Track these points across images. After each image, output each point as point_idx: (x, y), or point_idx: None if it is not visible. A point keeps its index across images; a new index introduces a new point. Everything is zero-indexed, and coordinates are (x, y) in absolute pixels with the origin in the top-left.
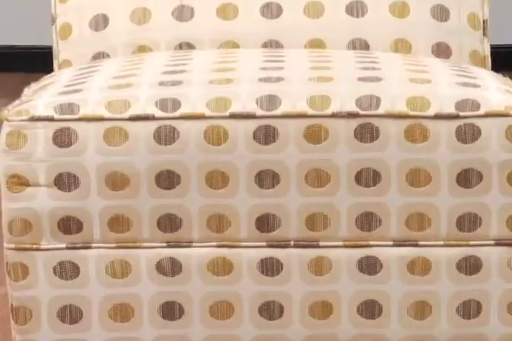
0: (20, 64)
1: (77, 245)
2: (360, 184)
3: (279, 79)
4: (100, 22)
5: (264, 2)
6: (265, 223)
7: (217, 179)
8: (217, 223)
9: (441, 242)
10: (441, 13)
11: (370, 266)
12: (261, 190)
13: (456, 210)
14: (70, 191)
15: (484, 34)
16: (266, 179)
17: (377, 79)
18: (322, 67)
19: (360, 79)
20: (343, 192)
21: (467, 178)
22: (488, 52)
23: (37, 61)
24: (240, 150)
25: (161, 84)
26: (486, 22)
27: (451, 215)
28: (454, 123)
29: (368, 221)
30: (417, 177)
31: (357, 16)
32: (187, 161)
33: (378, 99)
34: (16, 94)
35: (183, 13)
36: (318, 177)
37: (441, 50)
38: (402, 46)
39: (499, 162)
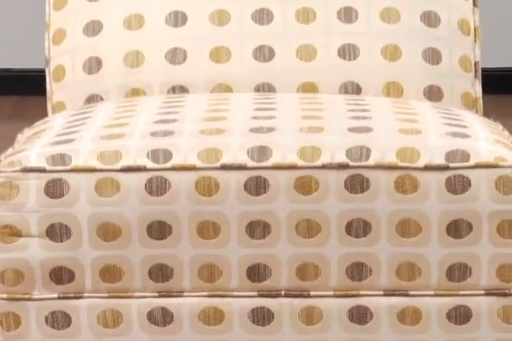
0: (16, 87)
1: (69, 295)
2: (350, 234)
3: (270, 130)
4: (94, 65)
5: (256, 45)
6: (256, 273)
7: (208, 229)
8: (209, 273)
9: (432, 292)
10: (432, 56)
11: (360, 316)
12: (252, 240)
13: (446, 260)
14: (61, 241)
15: (476, 76)
16: (257, 229)
17: (368, 130)
18: (313, 117)
19: (351, 129)
20: (334, 242)
21: (457, 229)
22: (479, 94)
23: (32, 84)
24: (231, 201)
25: (153, 134)
26: (477, 64)
27: (442, 265)
28: (444, 175)
29: (358, 271)
30: (407, 228)
31: (349, 59)
32: (178, 212)
33: (368, 150)
34: (11, 117)
35: (176, 56)
36: (308, 228)
37: (433, 93)
38: (393, 89)
39: (489, 212)
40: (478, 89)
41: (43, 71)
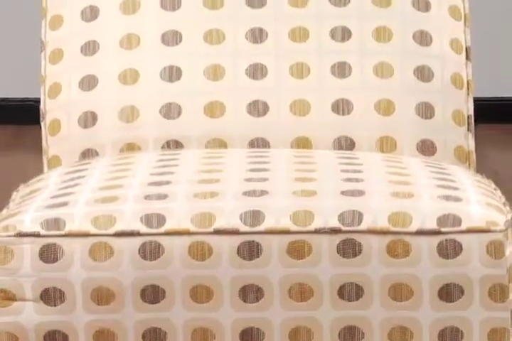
0: (13, 116)
1: None
2: (343, 298)
3: (262, 193)
4: (89, 119)
5: (250, 100)
6: (249, 336)
7: (201, 293)
8: (202, 336)
9: None
10: (425, 111)
11: None
12: (245, 304)
13: (438, 324)
14: (55, 305)
15: (469, 129)
16: (250, 293)
17: (360, 193)
18: (306, 179)
19: (343, 192)
20: (326, 306)
21: (449, 293)
22: (472, 147)
23: (29, 113)
24: (224, 266)
25: (147, 197)
26: (470, 117)
27: (433, 329)
28: (436, 239)
29: (350, 334)
30: (399, 292)
31: (343, 114)
32: (171, 276)
33: (361, 215)
34: (9, 146)
35: (170, 111)
36: (301, 292)
37: (426, 147)
38: (387, 144)
39: (480, 277)
40: (471, 143)
41: (39, 100)
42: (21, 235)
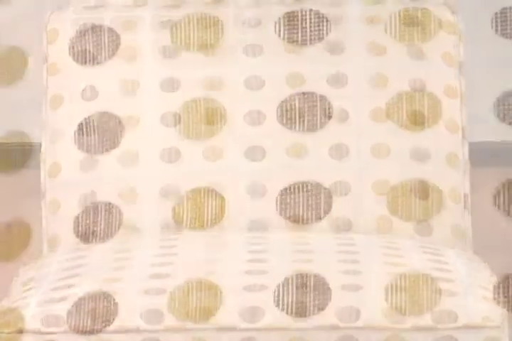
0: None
1: None
2: None
3: (262, 288)
4: (88, 201)
5: (248, 181)
6: None
7: None
8: None
9: None
10: (422, 190)
11: None
12: None
13: None
14: None
15: (465, 207)
16: None
17: (357, 288)
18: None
19: (341, 287)
20: None
21: None
22: (469, 224)
23: (30, 158)
24: None
25: (146, 292)
26: (466, 196)
27: None
28: (432, 335)
29: None
30: None
31: (339, 196)
32: None
33: (358, 311)
34: (9, 194)
35: (169, 193)
36: None
37: (424, 229)
38: (384, 225)
39: None
40: (467, 220)
41: (37, 144)
42: (22, 332)
